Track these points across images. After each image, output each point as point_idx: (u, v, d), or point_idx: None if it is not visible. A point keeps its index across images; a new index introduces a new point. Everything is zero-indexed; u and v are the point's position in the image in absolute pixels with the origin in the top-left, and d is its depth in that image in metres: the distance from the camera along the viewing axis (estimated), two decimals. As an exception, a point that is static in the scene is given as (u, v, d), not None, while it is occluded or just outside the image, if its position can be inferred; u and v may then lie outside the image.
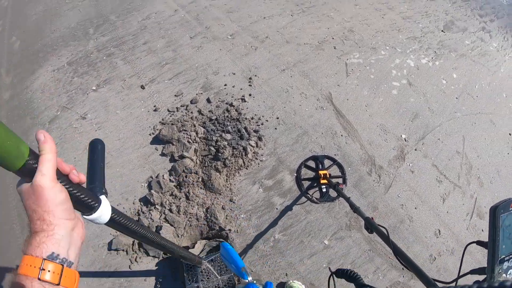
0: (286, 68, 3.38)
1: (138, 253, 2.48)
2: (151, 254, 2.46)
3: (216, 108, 3.06)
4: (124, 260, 2.46)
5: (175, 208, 2.60)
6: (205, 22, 3.88)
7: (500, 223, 0.87)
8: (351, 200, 1.89)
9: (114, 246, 2.50)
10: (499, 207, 0.87)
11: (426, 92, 3.44)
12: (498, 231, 0.87)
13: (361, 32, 3.84)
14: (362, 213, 1.67)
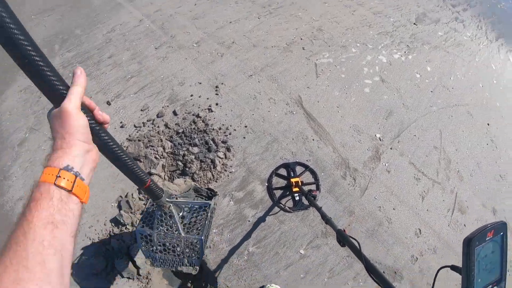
0: (254, 74, 3.29)
1: (113, 274, 2.39)
2: (125, 276, 2.38)
3: (182, 120, 2.96)
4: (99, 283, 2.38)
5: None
6: (170, 31, 3.77)
7: (475, 256, 0.82)
8: (322, 210, 1.81)
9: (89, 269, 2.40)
10: (473, 239, 0.81)
11: (400, 87, 3.36)
12: (473, 266, 0.82)
13: (331, 30, 3.76)
14: (334, 225, 1.61)
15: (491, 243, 0.85)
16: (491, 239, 0.84)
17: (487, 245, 0.84)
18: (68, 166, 0.74)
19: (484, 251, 0.83)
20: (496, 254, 0.87)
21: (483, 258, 0.84)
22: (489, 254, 0.85)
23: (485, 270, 0.85)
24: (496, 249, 0.86)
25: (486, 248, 0.84)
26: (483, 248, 0.83)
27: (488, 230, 0.83)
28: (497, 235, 0.85)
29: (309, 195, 2.20)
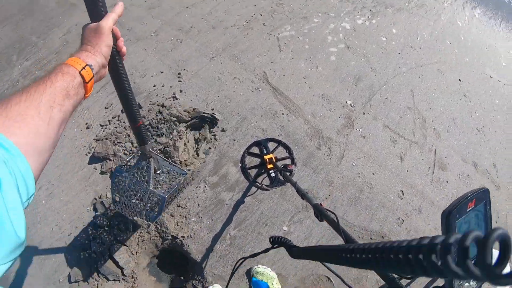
0: (215, 55, 3.15)
1: (99, 279, 2.32)
2: (111, 279, 2.32)
3: (148, 112, 2.83)
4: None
5: (123, 226, 2.42)
6: (127, 23, 3.61)
7: (456, 230, 0.74)
8: (298, 185, 1.73)
9: (73, 278, 2.35)
10: (453, 212, 0.74)
11: (366, 52, 3.29)
12: None
13: (290, 3, 3.66)
14: (310, 199, 1.54)
15: (473, 213, 0.78)
16: (472, 209, 0.78)
17: (469, 216, 0.77)
18: (91, 65, 0.93)
19: (465, 224, 0.77)
20: (480, 225, 0.81)
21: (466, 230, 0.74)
22: (472, 226, 0.79)
23: None
24: (480, 219, 0.80)
25: (468, 220, 0.77)
26: (464, 221, 0.76)
27: (468, 200, 0.76)
28: (479, 204, 0.79)
29: (284, 171, 2.12)
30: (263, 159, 2.50)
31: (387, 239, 2.38)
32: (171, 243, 2.42)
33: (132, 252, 2.39)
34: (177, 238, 2.36)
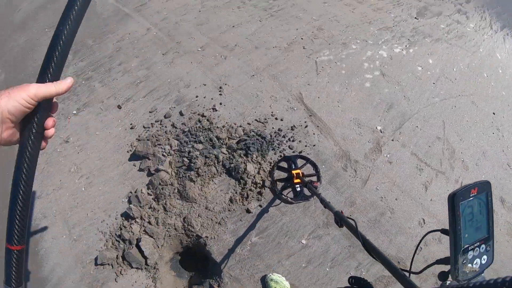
0: (256, 74, 3.38)
1: (123, 265, 2.55)
2: (134, 266, 2.53)
3: (188, 120, 3.08)
4: (111, 274, 2.52)
5: (154, 220, 2.65)
6: (176, 37, 3.92)
7: (461, 211, 0.83)
8: (321, 195, 1.91)
9: (100, 261, 2.57)
10: (457, 195, 0.83)
11: (401, 80, 3.39)
12: (458, 220, 0.83)
13: (331, 29, 3.83)
14: (331, 208, 1.68)
15: (476, 200, 0.86)
16: (475, 196, 0.85)
17: (472, 201, 0.85)
18: None
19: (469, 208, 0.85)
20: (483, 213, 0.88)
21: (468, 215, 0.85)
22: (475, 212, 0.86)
23: (472, 227, 0.86)
24: (482, 207, 0.87)
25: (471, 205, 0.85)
26: (468, 204, 0.84)
27: (471, 187, 0.84)
28: (481, 192, 0.86)
29: (309, 185, 2.27)
30: (291, 173, 2.65)
31: (403, 265, 2.46)
32: (195, 242, 2.62)
33: (158, 245, 2.60)
34: (201, 238, 2.56)
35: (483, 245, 0.88)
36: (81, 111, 3.52)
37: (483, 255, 0.88)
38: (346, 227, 1.44)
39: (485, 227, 0.89)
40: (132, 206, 2.70)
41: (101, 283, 2.51)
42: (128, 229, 2.64)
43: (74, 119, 3.48)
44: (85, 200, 2.96)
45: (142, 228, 2.65)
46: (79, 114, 3.50)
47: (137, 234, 2.62)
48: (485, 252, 0.89)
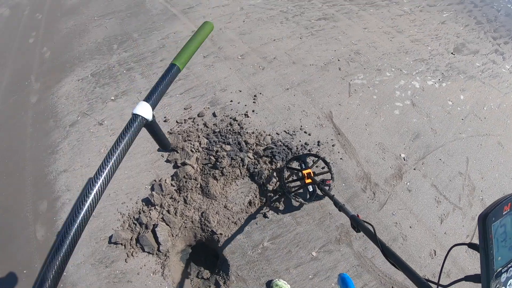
0: (290, 87, 3.50)
1: (135, 248, 2.65)
2: (146, 250, 2.63)
3: (220, 121, 3.23)
4: (122, 253, 2.63)
5: (173, 210, 2.76)
6: (219, 42, 4.11)
7: (493, 232, 0.74)
8: (335, 198, 1.86)
9: (114, 239, 2.68)
10: (489, 215, 0.74)
11: (430, 112, 3.45)
12: (491, 242, 0.74)
13: (368, 54, 3.92)
14: (347, 211, 1.61)
15: (509, 217, 0.77)
16: (508, 213, 0.76)
17: (505, 219, 0.76)
18: None
19: (501, 227, 0.76)
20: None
21: (501, 235, 0.77)
22: (509, 230, 0.78)
23: (505, 247, 0.78)
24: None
25: (504, 224, 0.76)
26: (500, 224, 0.76)
27: (504, 204, 0.75)
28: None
29: (322, 185, 2.28)
30: (302, 173, 2.67)
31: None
32: (209, 237, 2.71)
33: (173, 234, 2.71)
34: (215, 234, 2.65)
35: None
36: (118, 98, 3.74)
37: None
38: (363, 232, 1.36)
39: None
40: (154, 193, 2.82)
41: (111, 261, 2.61)
42: (147, 214, 2.75)
43: (111, 104, 3.69)
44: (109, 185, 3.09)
45: (160, 215, 2.76)
46: (116, 100, 3.71)
47: (154, 220, 2.72)
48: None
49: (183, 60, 1.13)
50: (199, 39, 1.21)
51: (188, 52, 1.16)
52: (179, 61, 1.11)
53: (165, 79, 1.06)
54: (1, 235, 3.03)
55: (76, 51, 4.71)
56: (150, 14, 5.11)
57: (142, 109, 0.96)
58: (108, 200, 2.95)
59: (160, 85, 1.04)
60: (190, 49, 1.17)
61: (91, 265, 2.65)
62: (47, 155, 3.46)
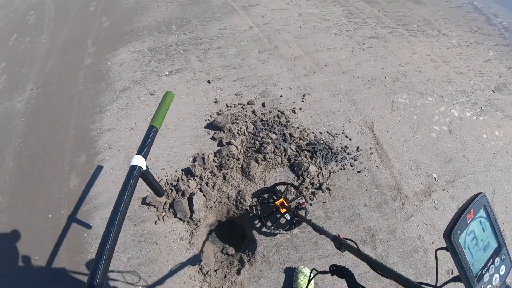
0: (337, 94, 3.66)
1: (167, 212, 2.77)
2: (178, 216, 2.74)
3: (268, 112, 3.41)
4: (153, 215, 2.75)
5: (211, 184, 2.89)
6: (275, 42, 4.32)
7: (462, 245, 0.73)
8: (313, 222, 1.84)
9: (148, 200, 2.78)
10: (454, 231, 0.72)
11: (465, 141, 3.57)
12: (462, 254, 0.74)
13: (413, 77, 4.07)
14: (327, 233, 1.54)
15: (475, 222, 0.77)
16: (473, 219, 0.76)
17: (471, 226, 0.76)
18: None
19: (469, 235, 0.75)
20: (486, 228, 0.79)
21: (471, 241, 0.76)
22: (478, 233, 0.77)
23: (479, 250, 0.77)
24: (484, 224, 0.79)
25: (472, 230, 0.76)
26: (467, 233, 0.75)
27: (466, 212, 0.74)
28: (478, 211, 0.77)
29: (297, 212, 2.25)
30: (275, 205, 2.66)
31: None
32: (242, 215, 2.82)
33: (208, 205, 2.82)
34: (249, 213, 2.78)
35: (497, 258, 0.81)
36: (172, 74, 3.96)
37: (499, 267, 0.81)
38: (347, 249, 1.33)
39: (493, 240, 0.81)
40: (196, 164, 2.96)
41: (141, 220, 2.73)
42: (186, 183, 2.87)
43: (164, 78, 3.92)
44: (152, 147, 3.24)
45: (198, 186, 2.88)
46: (170, 76, 3.94)
47: (192, 189, 2.84)
48: (501, 263, 0.81)
49: (158, 121, 1.41)
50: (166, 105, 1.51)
51: (161, 114, 1.44)
52: (156, 123, 1.39)
53: (148, 138, 1.34)
54: (35, 179, 3.20)
55: (135, 26, 4.98)
56: (211, 4, 5.36)
57: (138, 161, 1.17)
58: (149, 164, 3.08)
59: (146, 142, 1.31)
60: (162, 112, 1.45)
61: None
62: (94, 113, 3.67)
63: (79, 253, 2.63)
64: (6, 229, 2.89)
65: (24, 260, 2.69)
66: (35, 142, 3.56)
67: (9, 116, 3.96)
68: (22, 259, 2.70)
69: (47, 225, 2.85)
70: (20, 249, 2.76)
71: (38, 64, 4.69)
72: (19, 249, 2.76)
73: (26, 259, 2.70)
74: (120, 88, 3.91)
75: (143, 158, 1.21)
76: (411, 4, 5.55)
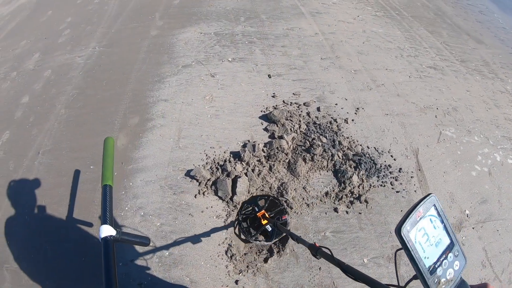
0: (390, 114, 3.68)
1: (208, 189, 2.84)
2: (219, 194, 2.81)
3: (322, 117, 3.47)
4: (194, 188, 2.81)
5: (257, 171, 2.96)
6: (337, 52, 4.38)
7: (413, 240, 0.77)
8: (290, 231, 1.92)
9: (194, 173, 2.84)
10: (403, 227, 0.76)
11: (502, 187, 3.57)
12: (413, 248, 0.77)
13: (464, 114, 4.06)
14: (304, 242, 1.59)
15: (425, 220, 0.80)
16: (423, 217, 0.80)
17: (421, 223, 0.79)
18: None
19: (420, 230, 0.79)
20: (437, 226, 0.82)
21: (422, 237, 0.79)
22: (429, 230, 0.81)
23: (431, 245, 0.80)
24: (435, 222, 0.82)
25: (422, 227, 0.79)
26: (418, 229, 0.78)
27: (415, 212, 0.78)
28: (428, 209, 0.81)
29: (277, 223, 2.30)
30: (257, 216, 2.68)
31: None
32: (280, 209, 2.86)
33: (250, 191, 2.88)
34: (288, 208, 2.85)
35: (450, 254, 0.83)
36: (235, 61, 4.08)
37: (453, 262, 0.84)
38: (323, 256, 1.40)
39: (445, 236, 0.84)
40: (246, 150, 3.04)
41: (181, 191, 2.80)
42: (233, 165, 2.96)
43: (227, 64, 4.05)
44: (205, 125, 3.23)
45: (244, 170, 2.96)
46: (232, 62, 4.08)
47: (238, 172, 2.92)
48: (455, 259, 0.84)
49: (109, 176, 1.29)
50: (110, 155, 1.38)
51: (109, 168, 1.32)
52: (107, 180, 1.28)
53: (106, 201, 1.23)
54: (83, 130, 3.30)
55: (204, 9, 5.13)
56: (280, 4, 5.46)
57: (106, 231, 1.11)
58: (199, 140, 3.13)
59: (106, 207, 1.21)
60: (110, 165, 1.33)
61: (160, 186, 2.85)
62: (153, 81, 3.81)
63: (115, 209, 2.74)
64: (44, 170, 3.03)
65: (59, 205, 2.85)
66: (90, 96, 3.71)
67: (68, 67, 4.16)
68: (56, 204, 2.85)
69: (87, 176, 2.99)
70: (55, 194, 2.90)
71: (104, 26, 4.88)
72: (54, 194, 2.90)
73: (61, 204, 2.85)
74: (182, 64, 4.06)
75: (110, 226, 1.15)
76: (472, 42, 5.50)
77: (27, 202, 2.88)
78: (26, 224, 2.76)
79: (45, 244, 2.66)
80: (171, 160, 3.07)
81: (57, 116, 3.53)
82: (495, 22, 6.38)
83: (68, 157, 3.14)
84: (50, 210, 2.85)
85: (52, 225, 2.75)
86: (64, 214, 2.81)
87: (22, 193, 2.96)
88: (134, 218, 2.72)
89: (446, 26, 5.80)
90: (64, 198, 2.88)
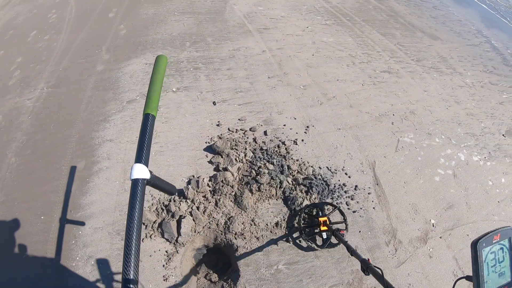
0: (342, 128, 3.63)
1: (155, 231, 2.80)
2: (165, 236, 2.77)
3: (269, 141, 3.40)
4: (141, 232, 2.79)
5: (202, 208, 2.90)
6: (285, 68, 4.34)
7: (483, 257, 0.84)
8: (348, 243, 1.97)
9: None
10: (480, 241, 0.84)
11: (469, 187, 3.48)
12: (481, 266, 0.83)
13: (422, 116, 4.01)
14: (359, 255, 1.71)
15: (498, 246, 0.87)
16: (498, 242, 0.86)
17: (495, 247, 0.86)
18: None
19: (491, 254, 0.85)
20: (506, 258, 0.88)
21: (491, 261, 0.85)
22: (499, 258, 0.86)
23: (495, 272, 0.86)
24: (505, 253, 0.88)
25: (494, 251, 0.86)
26: (490, 251, 0.85)
27: (494, 234, 0.85)
28: (504, 239, 0.87)
29: (336, 232, 2.37)
30: (318, 220, 2.72)
31: None
32: (227, 244, 2.81)
33: (196, 230, 2.83)
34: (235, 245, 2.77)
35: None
36: (179, 91, 4.02)
37: None
38: (373, 274, 1.46)
39: (508, 273, 0.89)
40: (190, 187, 2.97)
41: None
42: (177, 204, 2.90)
43: (171, 95, 3.98)
44: (150, 163, 3.22)
45: (189, 209, 2.90)
46: (177, 93, 4.00)
47: (183, 212, 2.87)
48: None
49: (154, 106, 1.13)
50: (160, 77, 1.17)
51: (155, 95, 1.16)
52: (151, 109, 1.11)
53: (146, 133, 1.06)
54: (33, 178, 3.26)
55: (150, 37, 5.09)
56: (227, 24, 5.44)
57: (139, 172, 0.99)
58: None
59: (144, 141, 1.06)
60: (156, 92, 1.17)
61: (108, 233, 2.81)
62: (98, 121, 3.75)
63: (65, 259, 2.69)
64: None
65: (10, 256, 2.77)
66: (39, 141, 3.67)
67: (18, 111, 4.10)
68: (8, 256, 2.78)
69: (38, 226, 2.92)
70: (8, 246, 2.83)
71: (52, 64, 4.84)
72: (6, 246, 2.84)
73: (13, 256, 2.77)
74: (127, 99, 3.99)
75: (144, 166, 1.01)
76: (428, 39, 5.51)
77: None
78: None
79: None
80: (118, 204, 3.02)
81: (8, 165, 3.47)
82: (450, 16, 6.44)
83: (20, 208, 3.09)
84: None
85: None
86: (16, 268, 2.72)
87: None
88: (86, 267, 2.65)
89: (400, 26, 5.83)
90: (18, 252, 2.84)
